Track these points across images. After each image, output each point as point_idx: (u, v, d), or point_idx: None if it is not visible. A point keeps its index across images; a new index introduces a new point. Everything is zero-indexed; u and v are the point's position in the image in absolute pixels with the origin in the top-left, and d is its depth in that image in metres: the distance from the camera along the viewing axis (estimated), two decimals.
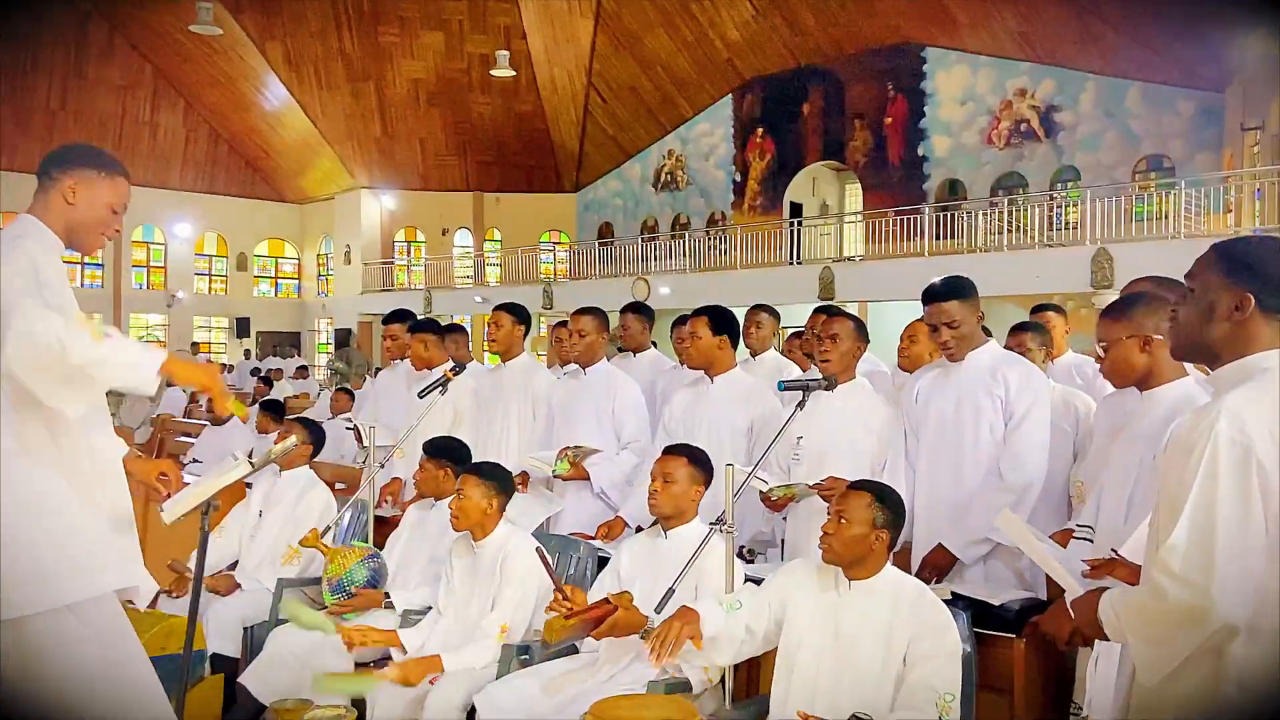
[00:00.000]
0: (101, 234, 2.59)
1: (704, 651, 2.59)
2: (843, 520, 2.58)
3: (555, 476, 4.23)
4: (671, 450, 3.24)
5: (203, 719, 3.73)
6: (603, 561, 3.52)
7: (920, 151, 20.20)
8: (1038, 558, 2.20)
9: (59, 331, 2.21)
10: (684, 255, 21.82)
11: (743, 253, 20.52)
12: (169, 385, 12.92)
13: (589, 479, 4.22)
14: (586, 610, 2.80)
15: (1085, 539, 2.61)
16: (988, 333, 3.40)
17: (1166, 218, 14.48)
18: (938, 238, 17.13)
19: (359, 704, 3.24)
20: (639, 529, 3.88)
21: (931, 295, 3.26)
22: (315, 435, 4.56)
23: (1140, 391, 2.64)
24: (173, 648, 3.71)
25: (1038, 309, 4.53)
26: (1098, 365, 2.90)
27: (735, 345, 4.08)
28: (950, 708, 2.38)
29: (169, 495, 2.59)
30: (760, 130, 23.05)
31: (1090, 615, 1.90)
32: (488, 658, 3.22)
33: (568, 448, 4.24)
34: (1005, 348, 4.01)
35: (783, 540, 3.93)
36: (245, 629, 4.05)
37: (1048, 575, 3.15)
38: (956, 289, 3.25)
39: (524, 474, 4.40)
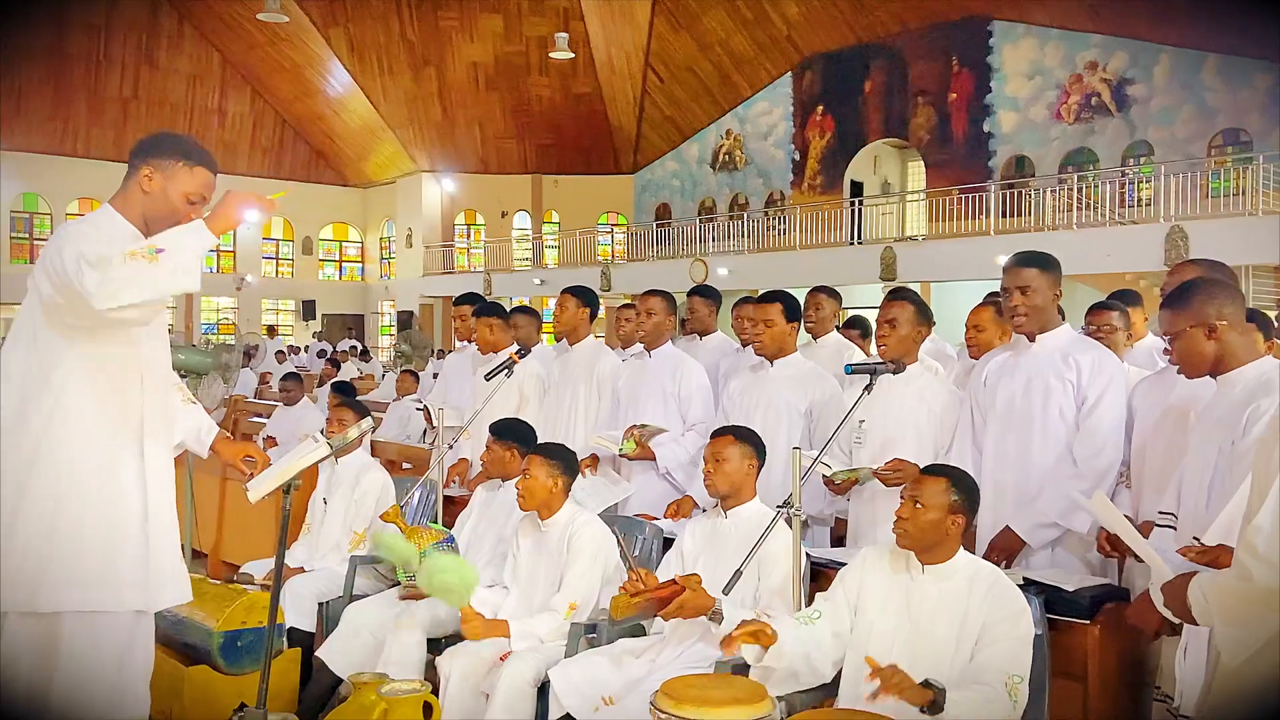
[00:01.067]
0: (178, 225, 2.45)
1: (783, 649, 2.56)
2: (918, 505, 2.57)
3: (621, 455, 4.27)
4: (719, 432, 3.28)
5: (281, 692, 3.84)
6: (668, 542, 3.56)
7: (986, 128, 19.80)
8: (1130, 540, 2.16)
9: (119, 253, 2.23)
10: (742, 236, 21.72)
11: (802, 233, 20.36)
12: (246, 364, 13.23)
13: (654, 459, 4.26)
14: (654, 590, 2.83)
15: (1168, 526, 2.56)
16: (1062, 315, 3.35)
17: (1243, 194, 14.04)
18: (1004, 216, 16.82)
19: (433, 677, 3.32)
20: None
21: (1014, 261, 3.25)
22: (360, 416, 4.57)
23: (1214, 377, 2.58)
24: (252, 621, 3.83)
25: (1116, 295, 4.43)
26: (1166, 355, 2.84)
27: (798, 330, 4.10)
28: (1018, 689, 2.38)
29: (251, 475, 2.68)
30: (820, 108, 22.78)
31: (1180, 598, 1.88)
32: (554, 633, 3.27)
33: (634, 427, 4.28)
34: (1086, 325, 3.95)
35: (836, 518, 3.93)
36: (320, 604, 4.16)
37: (1120, 562, 3.13)
38: (1039, 259, 3.23)
39: (593, 456, 4.44)
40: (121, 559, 2.44)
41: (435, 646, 3.59)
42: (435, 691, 3.19)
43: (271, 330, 20.49)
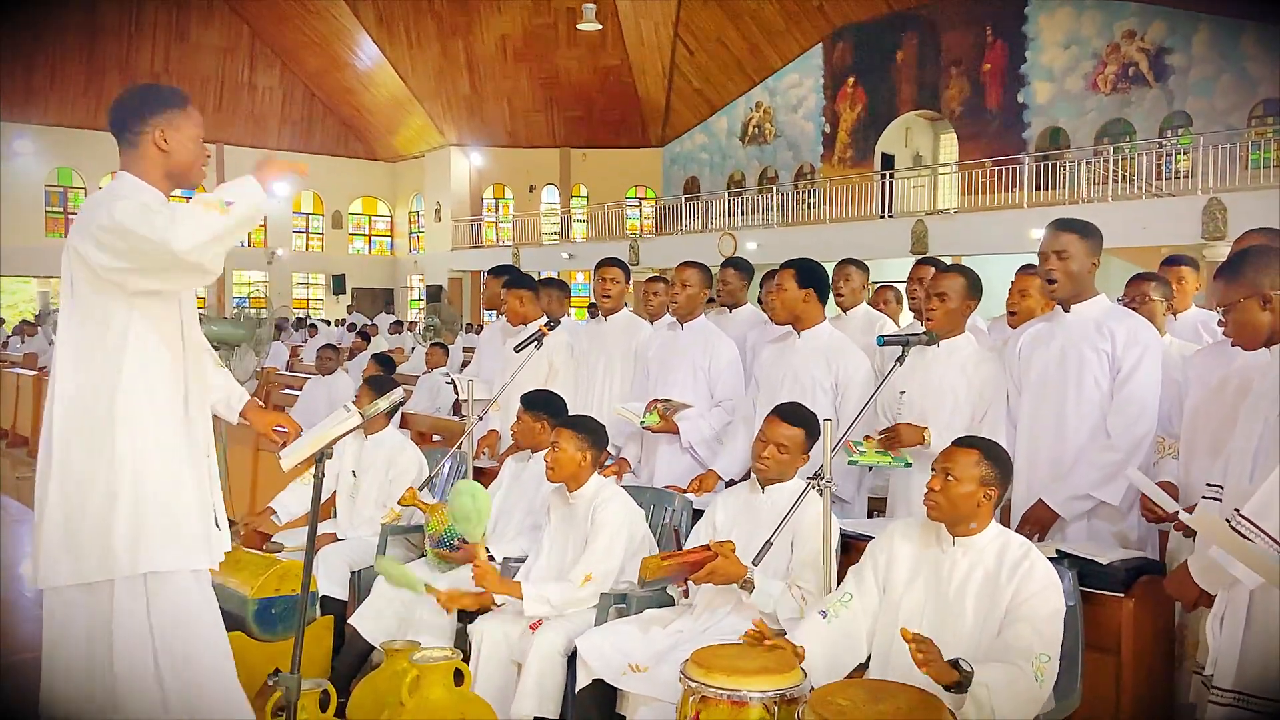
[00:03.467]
0: (200, 166, 2.62)
1: (811, 669, 2.56)
2: (950, 478, 2.55)
3: (643, 428, 4.26)
4: (791, 420, 3.17)
5: (314, 659, 3.90)
6: (697, 514, 3.55)
7: (1020, 99, 19.48)
8: (1235, 554, 2.13)
9: (201, 205, 2.30)
10: (772, 210, 21.56)
11: (832, 206, 20.18)
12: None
13: (678, 433, 4.25)
14: (685, 554, 2.83)
15: (1214, 498, 2.52)
16: None
17: None
18: (1038, 188, 16.58)
19: (463, 644, 3.35)
20: (730, 482, 3.90)
21: (1054, 225, 3.20)
22: (381, 389, 4.58)
23: (1269, 348, 2.53)
24: (286, 589, 3.88)
25: (1170, 261, 4.35)
26: (1220, 327, 2.78)
27: (824, 300, 4.03)
28: (1045, 668, 2.35)
29: (284, 444, 2.71)
30: (851, 80, 22.50)
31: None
32: (567, 601, 3.27)
33: (657, 400, 4.27)
34: (1124, 297, 3.88)
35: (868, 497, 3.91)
36: (353, 573, 4.21)
37: (1162, 537, 3.09)
38: (1081, 225, 3.19)
39: (621, 462, 4.44)
40: (186, 519, 2.51)
41: (466, 615, 3.61)
42: (466, 659, 3.22)
43: (300, 322, 20.61)
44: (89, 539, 2.41)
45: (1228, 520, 2.19)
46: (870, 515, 3.93)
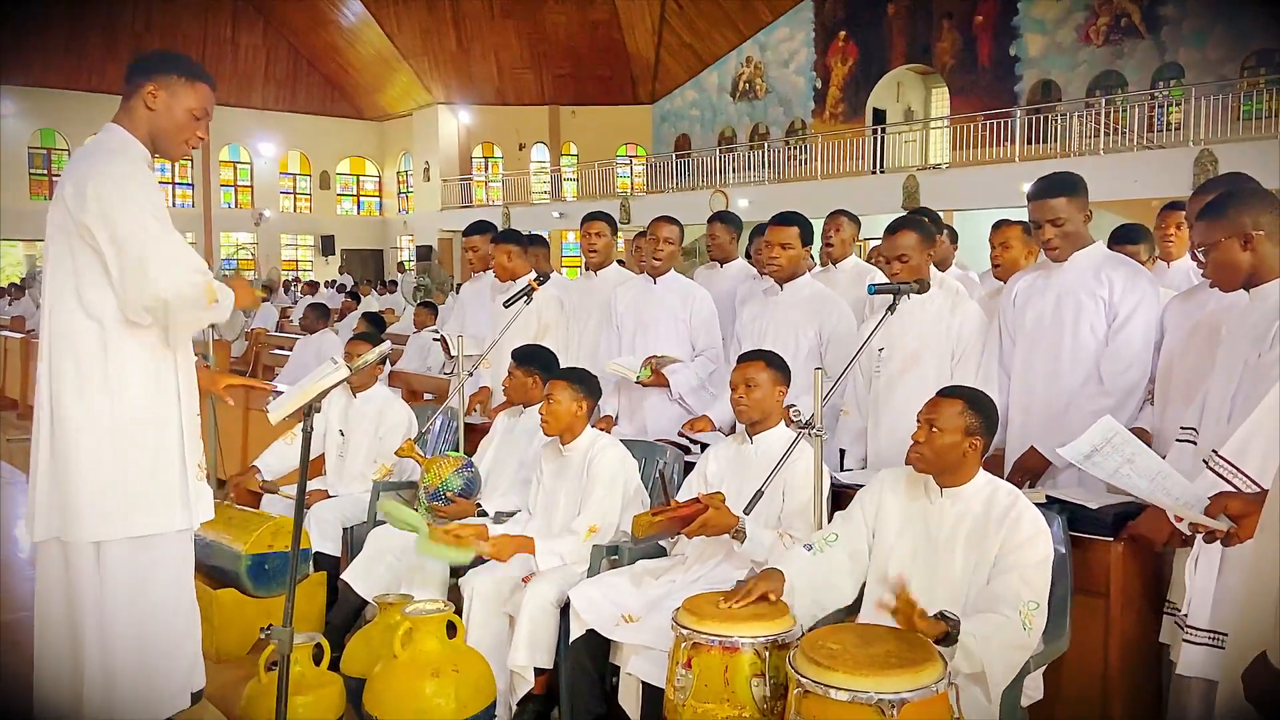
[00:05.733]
0: (185, 141, 2.62)
1: (795, 600, 2.59)
2: (934, 429, 2.54)
3: (637, 383, 4.29)
4: (748, 356, 3.23)
5: (308, 614, 3.92)
6: (689, 467, 3.56)
7: (1012, 51, 19.33)
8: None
9: (205, 272, 2.42)
10: (763, 166, 21.44)
11: (824, 162, 20.07)
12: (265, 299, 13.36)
13: (668, 386, 4.30)
14: (676, 509, 2.84)
15: (1189, 440, 2.53)
16: None
17: (1276, 116, 13.69)
18: (1029, 142, 16.50)
19: (456, 598, 3.36)
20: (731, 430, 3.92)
21: (1037, 191, 3.14)
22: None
23: (1248, 291, 2.52)
24: (278, 545, 3.89)
25: (1171, 206, 4.33)
26: (1200, 270, 2.76)
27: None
28: (1033, 616, 2.35)
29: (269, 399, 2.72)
30: (843, 34, 22.29)
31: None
32: (574, 554, 3.30)
33: (653, 356, 4.29)
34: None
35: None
36: (345, 529, 4.22)
37: None
38: (1065, 185, 3.12)
39: (606, 419, 4.45)
40: (170, 479, 2.55)
41: (458, 569, 3.62)
42: (458, 612, 3.23)
43: (287, 285, 20.48)
44: (80, 497, 2.43)
45: (1205, 461, 2.19)
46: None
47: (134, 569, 2.53)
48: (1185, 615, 2.44)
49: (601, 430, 4.25)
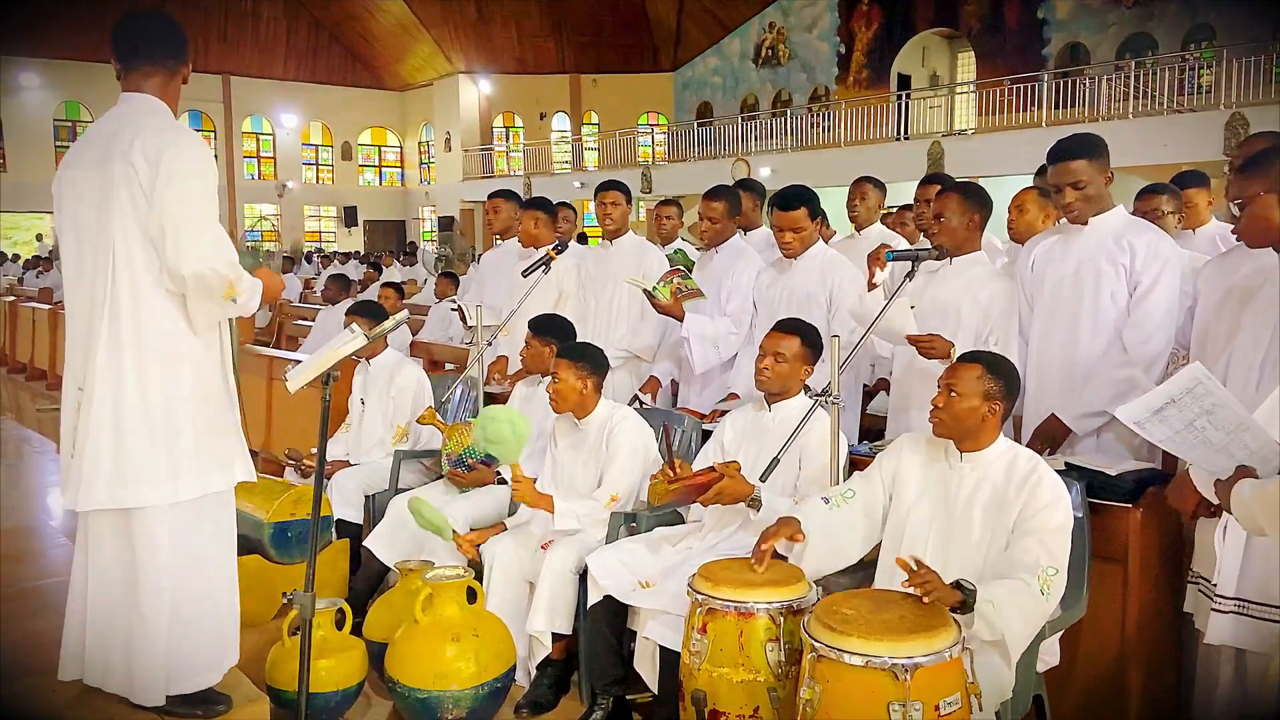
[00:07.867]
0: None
1: (809, 549, 2.60)
2: (953, 393, 2.53)
3: (650, 299, 4.14)
4: (786, 329, 3.18)
5: (331, 581, 3.98)
6: (706, 435, 3.56)
7: (1040, 14, 18.99)
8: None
9: (235, 268, 2.43)
10: (786, 134, 21.24)
11: (848, 129, 19.86)
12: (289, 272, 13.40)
13: (680, 319, 4.13)
14: (692, 476, 2.85)
15: None
16: None
17: None
18: (1057, 107, 16.24)
19: (476, 565, 3.39)
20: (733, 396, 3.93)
21: (1057, 153, 3.07)
22: (372, 316, 4.56)
23: (1277, 251, 2.47)
24: (301, 513, 3.94)
25: (1181, 177, 4.24)
26: (1231, 227, 2.71)
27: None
28: (1052, 582, 2.35)
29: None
30: None
31: (1227, 494, 1.83)
32: (592, 519, 3.31)
33: (678, 270, 4.20)
34: (1134, 210, 3.79)
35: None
36: (367, 497, 4.26)
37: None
38: (1085, 146, 3.05)
39: (653, 380, 4.42)
40: (228, 435, 2.62)
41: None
42: (479, 578, 3.27)
43: (309, 256, 20.55)
44: (127, 465, 2.45)
45: None
46: (862, 440, 3.88)
47: (199, 528, 2.57)
48: (1215, 584, 2.42)
49: (648, 392, 4.27)
